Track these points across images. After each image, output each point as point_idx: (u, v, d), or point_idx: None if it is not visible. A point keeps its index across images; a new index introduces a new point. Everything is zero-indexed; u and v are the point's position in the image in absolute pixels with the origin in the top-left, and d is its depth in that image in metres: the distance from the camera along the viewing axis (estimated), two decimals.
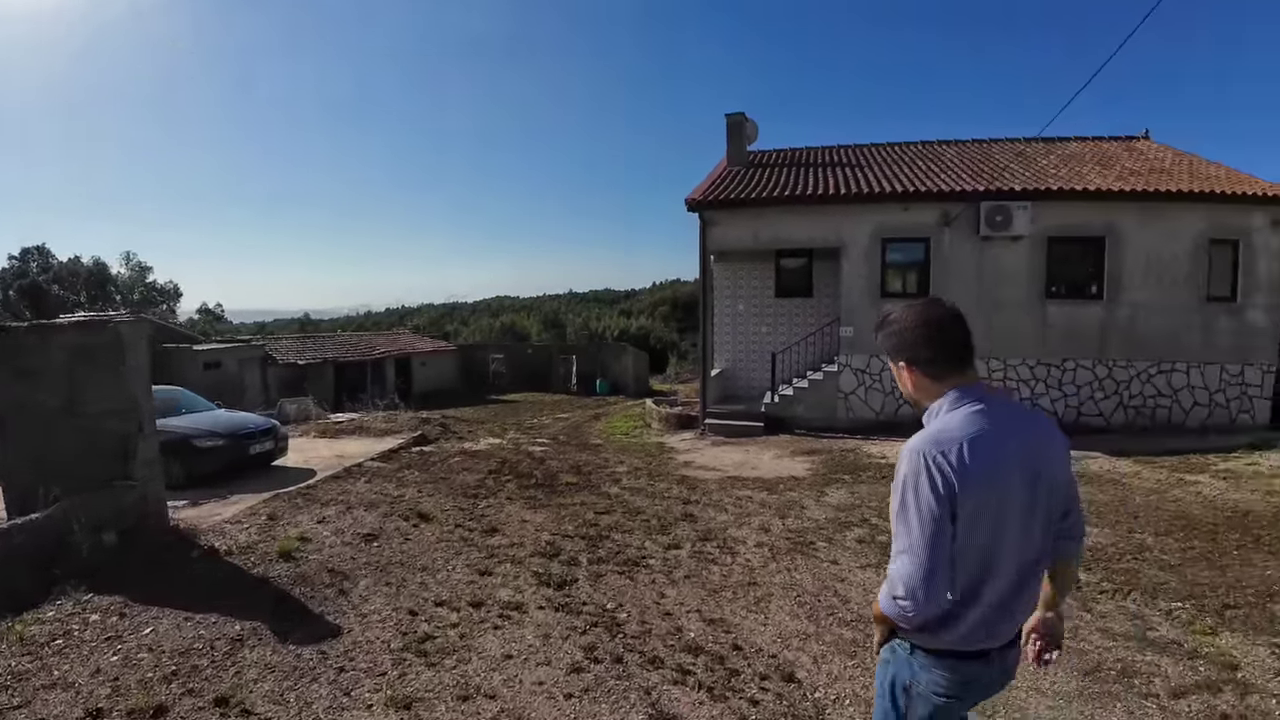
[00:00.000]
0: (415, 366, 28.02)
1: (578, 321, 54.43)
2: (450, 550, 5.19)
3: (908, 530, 1.54)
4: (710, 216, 11.96)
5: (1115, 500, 7.20)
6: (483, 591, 4.38)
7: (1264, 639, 4.02)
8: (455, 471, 8.08)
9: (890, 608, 1.60)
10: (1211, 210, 11.21)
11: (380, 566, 4.78)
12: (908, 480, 1.54)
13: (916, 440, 1.58)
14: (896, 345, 1.72)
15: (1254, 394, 11.48)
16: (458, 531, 5.65)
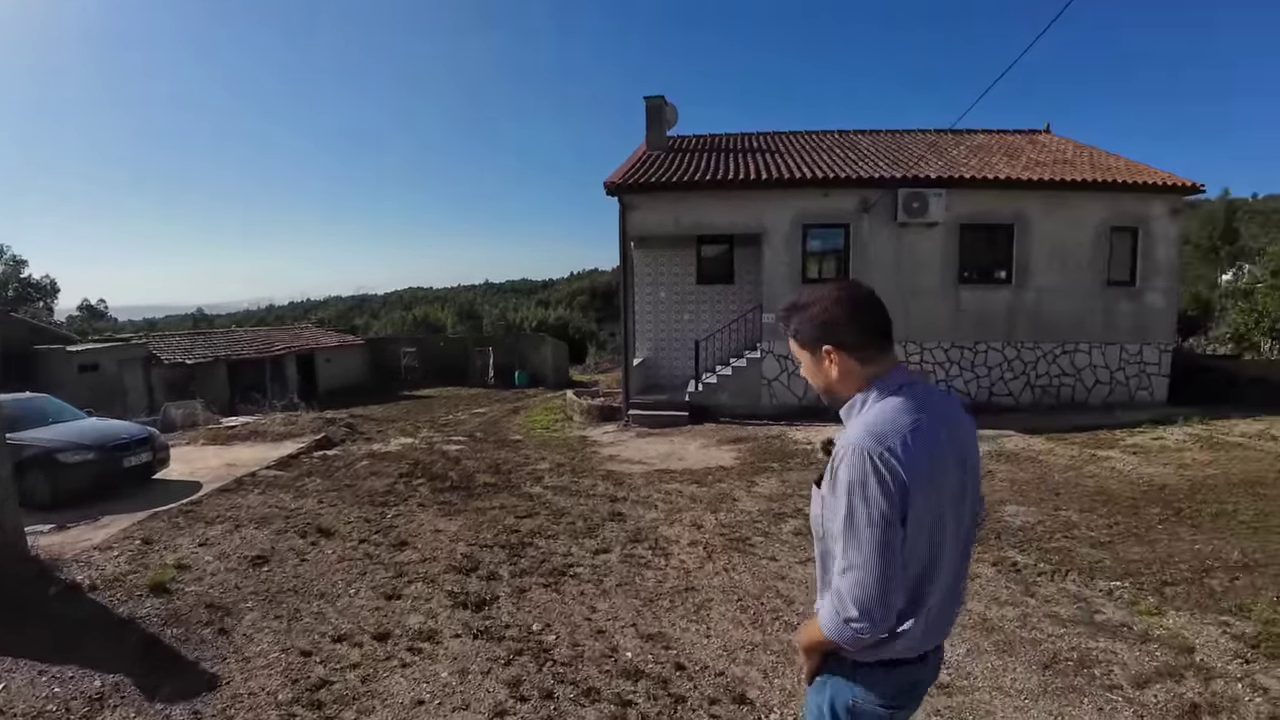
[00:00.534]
0: (319, 363, 26.37)
1: (495, 312, 53.05)
2: (353, 571, 4.63)
3: (857, 542, 1.39)
4: (630, 201, 11.60)
5: (1035, 478, 7.32)
6: (390, 619, 3.88)
7: (1211, 617, 4.03)
8: (362, 477, 7.42)
9: (840, 632, 1.44)
10: (1113, 199, 11.76)
11: (270, 596, 4.19)
12: (853, 486, 1.39)
13: (855, 438, 1.42)
14: (818, 330, 1.56)
15: (1152, 372, 12.13)
16: (362, 548, 5.08)
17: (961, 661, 3.48)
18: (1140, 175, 11.99)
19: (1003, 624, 3.92)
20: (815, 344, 1.58)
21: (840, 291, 1.56)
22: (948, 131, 15.26)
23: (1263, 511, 5.96)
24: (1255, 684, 3.26)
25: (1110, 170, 12.17)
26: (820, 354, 1.58)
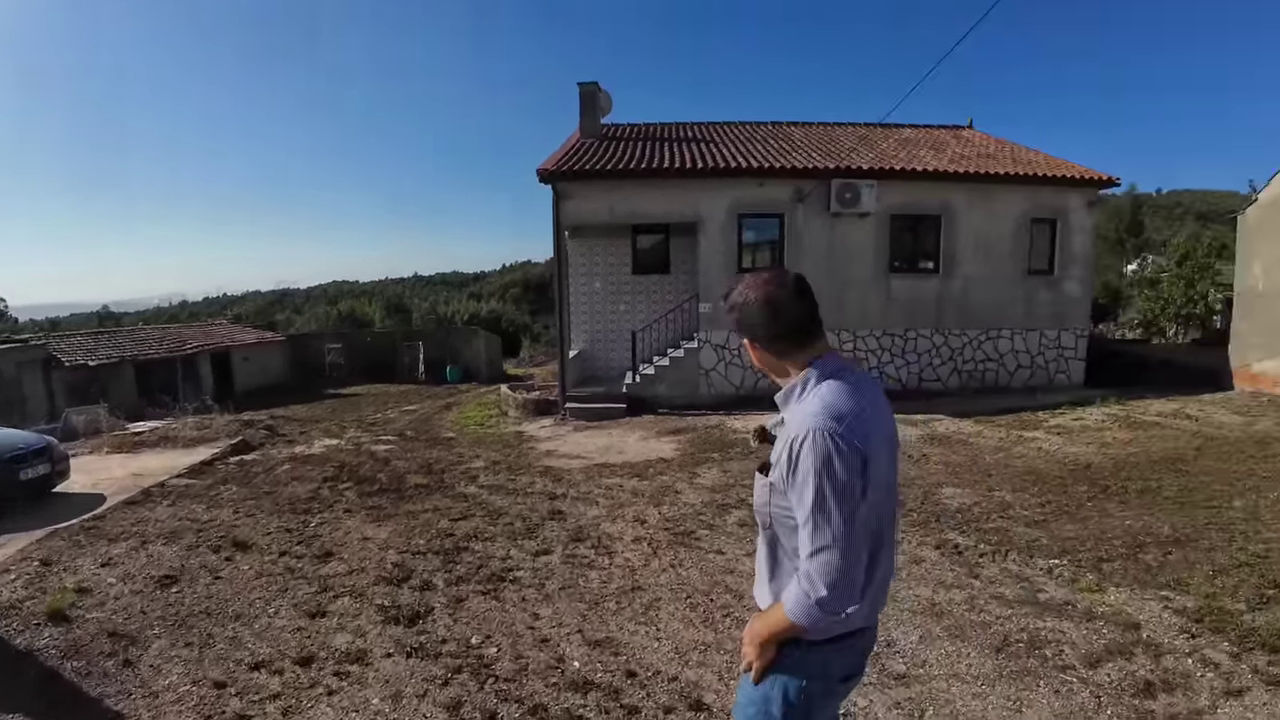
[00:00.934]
0: (236, 362, 24.93)
1: (424, 306, 51.68)
2: (272, 588, 4.23)
3: (828, 522, 1.39)
4: (564, 189, 11.31)
5: (968, 460, 7.47)
6: (314, 641, 3.53)
7: (1150, 593, 4.11)
8: (283, 483, 6.92)
9: (809, 615, 1.43)
10: (1033, 192, 12.22)
11: (179, 620, 3.77)
12: (820, 468, 1.39)
13: (812, 420, 1.44)
14: (739, 323, 1.65)
15: (1070, 356, 12.72)
16: (282, 561, 4.67)
17: (916, 649, 3.44)
18: (1058, 169, 12.52)
19: (952, 608, 3.91)
20: (739, 334, 1.67)
21: (759, 293, 1.59)
22: (876, 125, 15.57)
23: (1186, 487, 6.22)
24: (1205, 659, 3.31)
25: (1030, 164, 12.66)
26: (743, 343, 1.68)
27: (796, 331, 1.58)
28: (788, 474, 1.45)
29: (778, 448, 1.52)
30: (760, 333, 1.60)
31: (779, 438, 1.55)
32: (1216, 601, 3.90)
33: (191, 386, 21.26)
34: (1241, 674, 3.16)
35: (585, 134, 13.68)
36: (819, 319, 1.60)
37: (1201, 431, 8.48)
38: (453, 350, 26.80)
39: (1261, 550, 4.65)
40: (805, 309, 1.58)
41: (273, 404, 18.06)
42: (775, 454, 1.52)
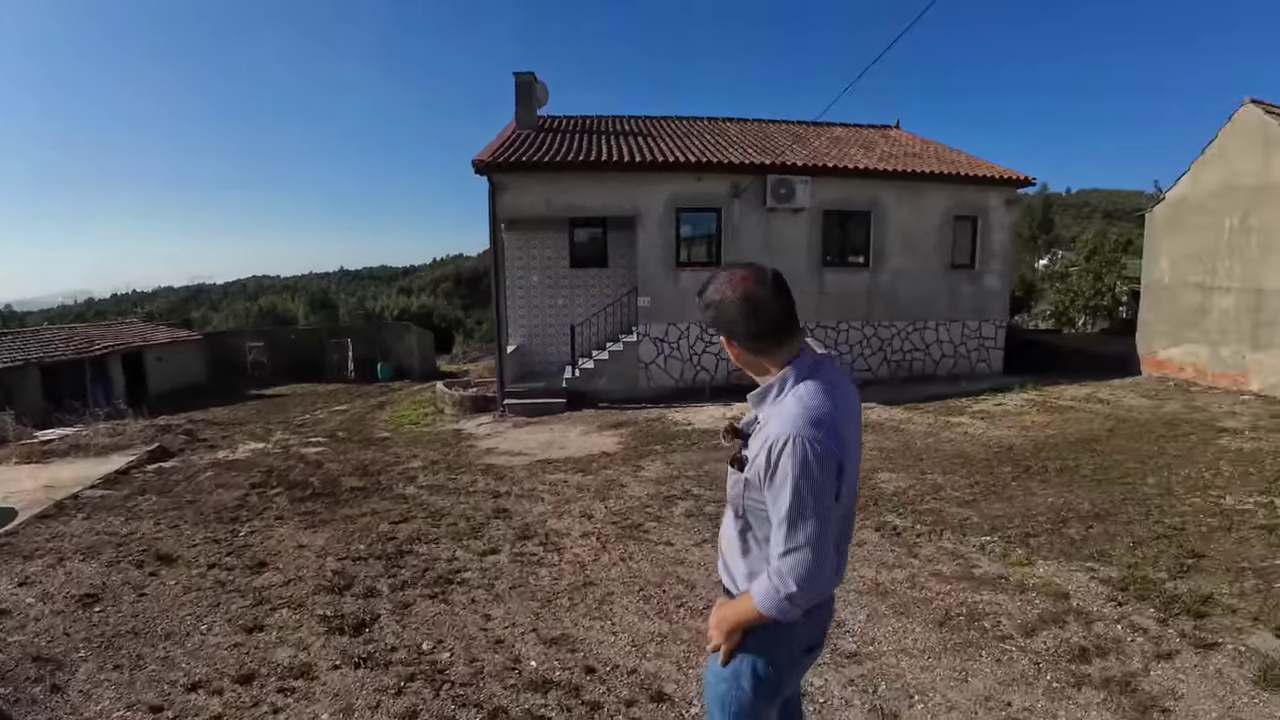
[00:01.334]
0: (150, 363, 23.40)
1: (352, 301, 49.97)
2: (203, 603, 3.97)
3: (803, 525, 1.46)
4: (500, 181, 11.09)
5: (900, 445, 7.72)
6: (253, 657, 3.34)
7: (1077, 564, 4.35)
8: (206, 491, 6.54)
9: (780, 607, 1.50)
10: (956, 190, 12.74)
11: (106, 641, 3.51)
12: (798, 474, 1.44)
13: (790, 428, 1.47)
14: (715, 321, 1.64)
15: (990, 346, 13.37)
16: (212, 574, 4.40)
17: (865, 628, 3.54)
18: (979, 169, 13.10)
19: (895, 587, 4.04)
20: (718, 333, 1.66)
21: (736, 291, 1.58)
22: (810, 124, 15.90)
23: (1101, 466, 6.60)
24: (1133, 624, 3.53)
25: (954, 164, 13.20)
26: (720, 340, 1.68)
27: (776, 329, 1.59)
28: (765, 475, 1.49)
29: (755, 447, 1.55)
30: (739, 331, 1.60)
31: (755, 436, 1.58)
32: (1139, 571, 4.16)
33: (102, 390, 19.91)
34: (1170, 638, 3.38)
35: (521, 125, 13.46)
36: (796, 315, 1.61)
37: (1114, 414, 9.02)
38: (383, 347, 25.98)
39: (1177, 523, 4.99)
40: (784, 306, 1.58)
41: (191, 407, 17.11)
42: (752, 452, 1.56)
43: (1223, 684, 2.98)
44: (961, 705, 2.90)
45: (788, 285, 1.61)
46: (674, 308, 11.93)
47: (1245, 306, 10.22)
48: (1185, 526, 4.91)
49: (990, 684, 3.05)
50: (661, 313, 11.89)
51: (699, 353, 12.16)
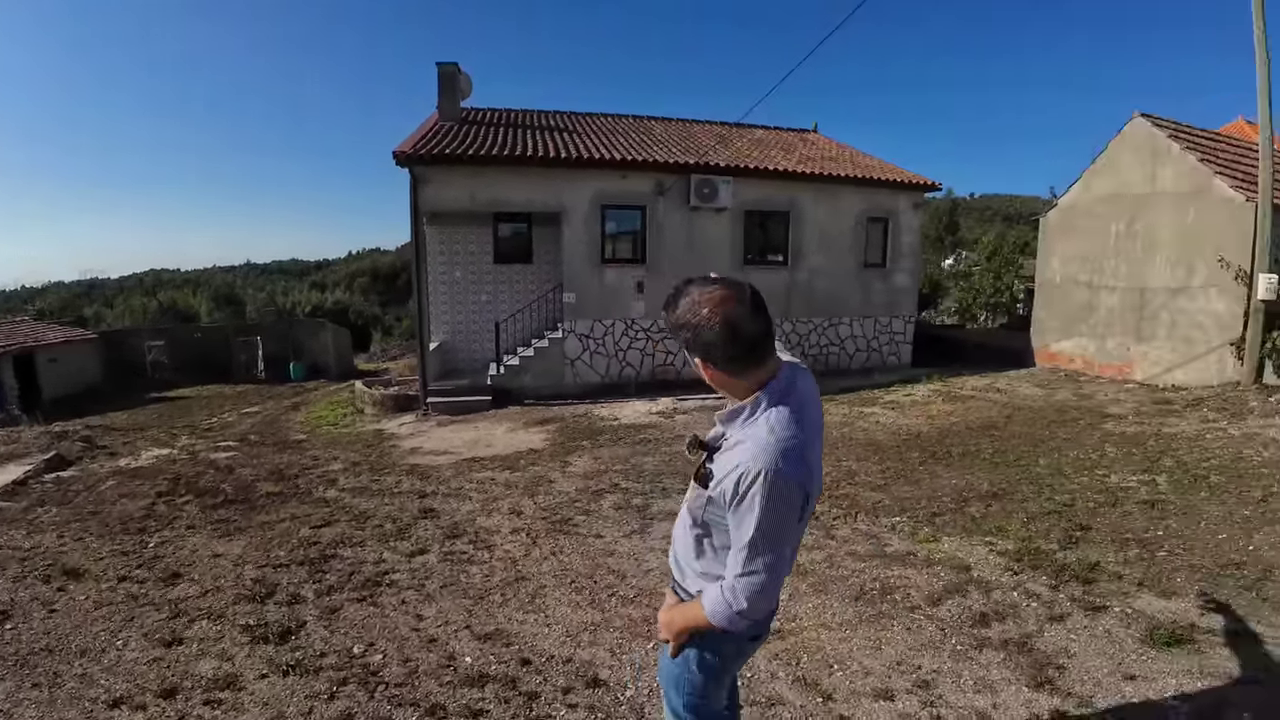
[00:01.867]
0: (41, 364, 21.43)
1: (260, 296, 47.56)
2: (117, 617, 3.78)
3: (762, 553, 1.49)
4: (423, 173, 10.83)
5: None
6: (175, 670, 3.21)
7: (977, 539, 4.71)
8: (110, 501, 6.18)
9: (730, 620, 1.55)
10: (869, 193, 13.36)
11: (20, 660, 3.30)
12: (764, 507, 1.45)
13: (762, 461, 1.45)
14: (691, 343, 1.55)
15: (900, 340, 14.09)
16: (123, 587, 4.19)
17: (787, 606, 3.73)
18: (891, 173, 13.77)
19: (814, 567, 4.27)
20: (689, 352, 1.59)
21: (715, 313, 1.49)
22: (732, 125, 16.26)
23: (999, 450, 7.10)
24: (1027, 591, 3.88)
25: (867, 168, 13.82)
26: (695, 362, 1.60)
27: (755, 351, 1.54)
28: (731, 501, 1.49)
29: (723, 468, 1.54)
30: (717, 355, 1.53)
31: (723, 457, 1.57)
32: (1032, 544, 4.54)
33: None
34: (1061, 602, 3.73)
35: (444, 116, 13.17)
36: (771, 335, 1.57)
37: (1010, 402, 9.67)
38: (296, 345, 24.89)
39: (1067, 500, 5.44)
40: (763, 326, 1.52)
41: (88, 411, 15.95)
42: (719, 471, 1.55)
43: (1111, 642, 3.30)
44: (876, 671, 3.13)
45: (764, 302, 1.55)
46: (599, 304, 11.99)
47: (1129, 304, 11.13)
48: (1074, 503, 5.36)
49: (902, 650, 3.30)
50: (587, 309, 11.94)
51: (624, 349, 12.28)
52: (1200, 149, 10.36)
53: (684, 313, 1.53)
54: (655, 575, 4.23)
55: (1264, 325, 8.93)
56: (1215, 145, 10.97)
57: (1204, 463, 6.25)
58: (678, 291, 1.58)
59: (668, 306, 1.59)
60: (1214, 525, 4.76)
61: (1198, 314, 10.04)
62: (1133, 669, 3.07)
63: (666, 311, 1.59)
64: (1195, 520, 4.87)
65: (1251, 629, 3.37)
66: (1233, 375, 9.43)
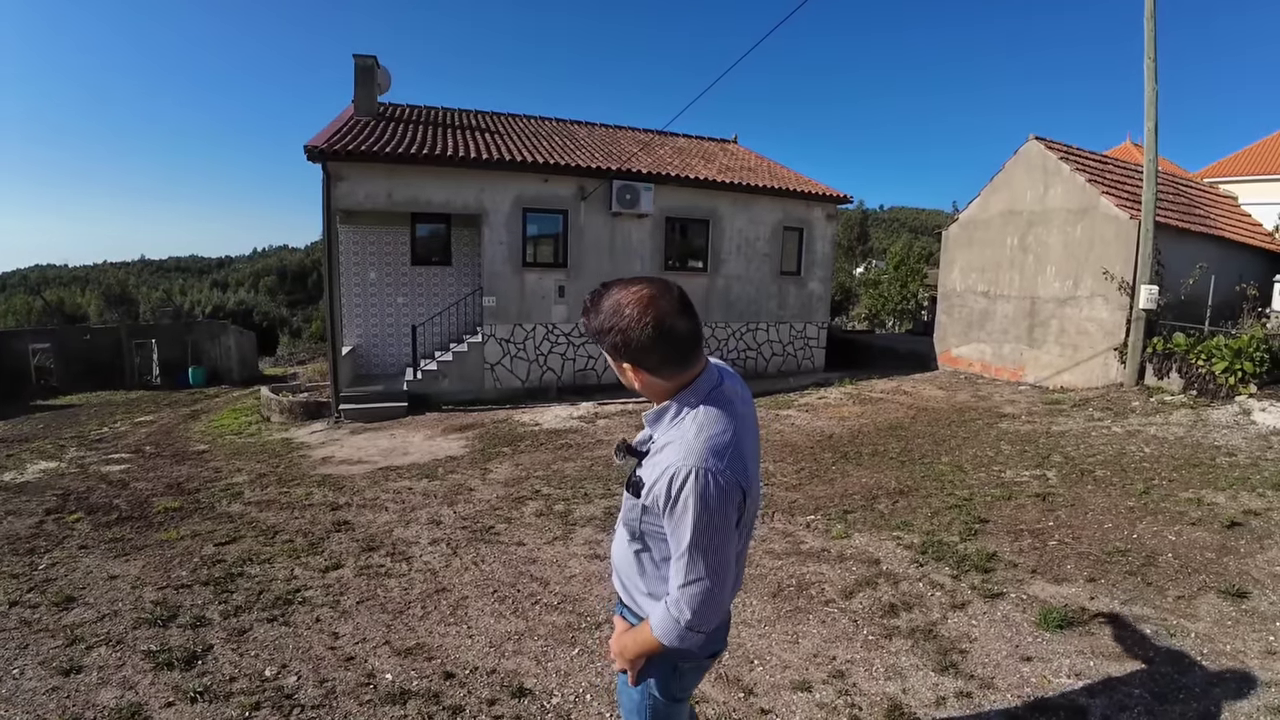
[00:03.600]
0: None
1: (156, 296, 44.75)
2: (10, 644, 3.50)
3: (703, 557, 1.41)
4: (337, 170, 10.43)
5: None
6: (76, 700, 3.00)
7: (885, 534, 4.96)
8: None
9: (682, 638, 1.47)
10: (786, 204, 13.82)
11: None
12: (700, 508, 1.38)
13: (692, 459, 1.39)
14: (619, 347, 1.45)
15: (814, 345, 14.64)
16: (15, 613, 3.88)
17: None
18: (806, 185, 14.32)
19: None
20: (615, 358, 1.51)
21: (642, 313, 1.41)
22: (655, 132, 16.45)
23: (905, 449, 7.47)
24: (932, 581, 4.11)
25: (784, 180, 14.32)
26: (621, 367, 1.52)
27: (684, 352, 1.48)
28: (665, 506, 1.42)
29: (653, 473, 1.46)
30: (647, 360, 1.46)
31: (652, 460, 1.51)
32: (936, 536, 4.81)
33: None
34: (962, 591, 3.98)
35: (360, 111, 12.73)
36: (700, 336, 1.51)
37: (916, 404, 10.18)
38: (196, 349, 23.46)
39: (966, 495, 5.79)
40: (692, 325, 1.47)
41: None
42: (649, 477, 1.48)
43: (1009, 626, 3.55)
44: (794, 664, 3.25)
45: (691, 301, 1.49)
46: (520, 308, 11.89)
47: (1022, 311, 11.92)
48: (973, 497, 5.71)
49: (817, 643, 3.44)
50: (508, 313, 11.81)
51: (545, 353, 12.21)
52: (1089, 170, 11.22)
53: (608, 316, 1.45)
54: (578, 581, 4.24)
55: (1145, 332, 9.74)
56: (1103, 167, 11.90)
57: (1090, 458, 6.77)
58: (598, 294, 1.49)
59: (588, 311, 1.50)
60: (1100, 515, 5.17)
61: (1084, 321, 10.86)
62: (1029, 651, 3.30)
63: (587, 316, 1.50)
64: (1083, 511, 5.28)
65: (1137, 611, 3.68)
66: (1116, 378, 10.24)
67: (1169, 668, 3.11)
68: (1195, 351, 9.13)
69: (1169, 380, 9.42)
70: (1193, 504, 5.31)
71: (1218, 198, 14.61)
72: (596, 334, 1.48)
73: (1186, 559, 4.32)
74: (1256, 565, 4.20)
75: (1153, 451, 6.88)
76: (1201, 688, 2.95)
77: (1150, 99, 9.43)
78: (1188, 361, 9.16)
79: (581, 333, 12.16)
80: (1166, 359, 9.49)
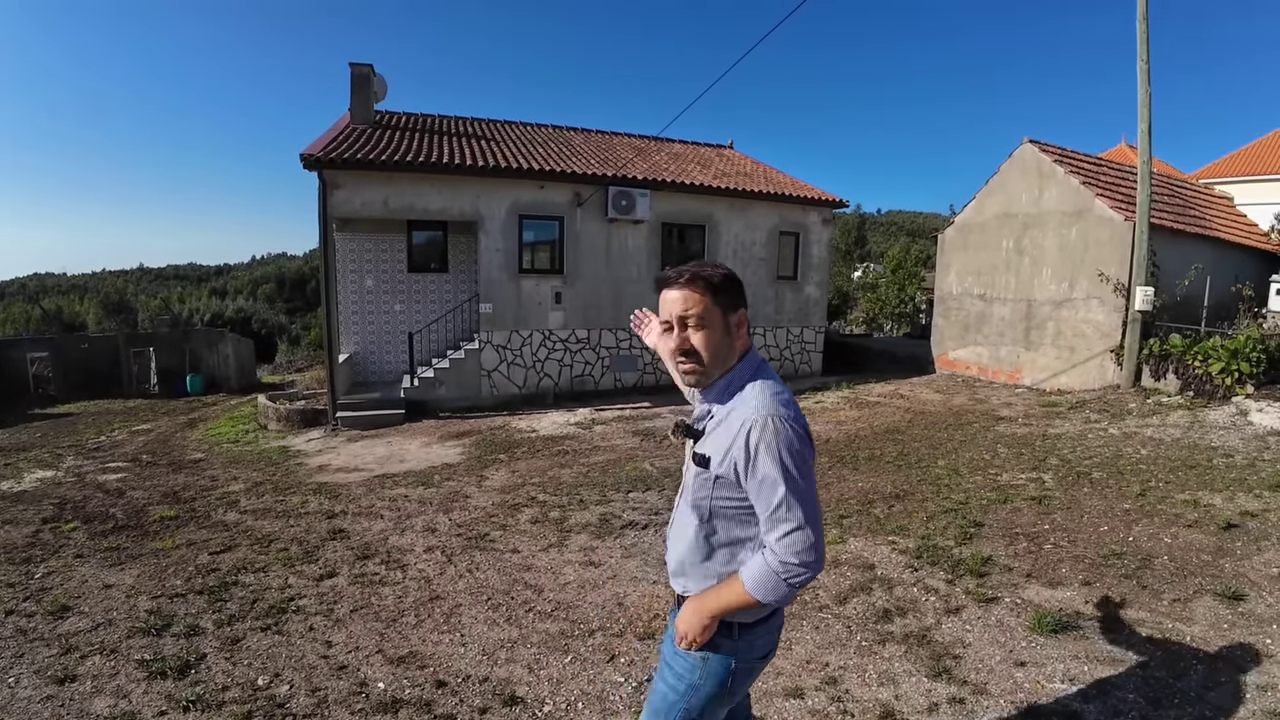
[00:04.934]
0: None
1: (154, 304, 44.70)
2: (6, 654, 3.50)
3: (799, 502, 1.44)
4: (334, 178, 10.44)
5: None
6: (70, 709, 3.00)
7: (881, 539, 4.93)
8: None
9: (778, 591, 1.47)
10: (782, 209, 13.86)
11: None
12: (788, 454, 1.44)
13: (769, 408, 1.47)
14: (738, 289, 1.60)
15: (811, 350, 14.65)
16: (10, 621, 3.88)
17: None
18: (802, 190, 14.36)
19: None
20: (736, 306, 1.59)
21: (727, 269, 1.59)
22: (650, 138, 16.54)
23: (901, 453, 7.46)
24: (926, 586, 4.10)
25: (780, 185, 14.36)
26: (735, 319, 1.58)
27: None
28: (746, 464, 1.47)
29: (726, 438, 1.51)
30: (743, 301, 1.61)
31: (720, 431, 1.55)
32: (931, 541, 4.80)
33: None
34: (957, 595, 3.96)
35: (357, 119, 12.75)
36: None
37: (912, 407, 10.17)
38: (194, 356, 23.42)
39: (962, 499, 5.78)
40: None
41: None
42: (719, 446, 1.53)
43: (1003, 631, 3.54)
44: (787, 670, 3.24)
45: None
46: (517, 315, 11.89)
47: (1018, 314, 11.93)
48: (969, 501, 5.71)
49: (811, 649, 3.43)
50: (504, 320, 11.82)
51: (542, 360, 12.21)
52: (1083, 173, 11.25)
53: (711, 269, 1.56)
54: (573, 588, 4.23)
55: (1141, 333, 9.74)
56: (1098, 169, 11.93)
57: (1087, 460, 6.77)
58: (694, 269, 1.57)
59: (702, 267, 1.57)
60: (1096, 518, 5.17)
61: (1080, 324, 10.87)
62: (1023, 656, 3.29)
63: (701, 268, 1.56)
64: (1079, 514, 5.27)
65: (1133, 614, 3.67)
66: (1113, 379, 10.25)
67: (1164, 672, 3.10)
68: (1192, 352, 9.14)
69: (1165, 381, 9.43)
70: (1189, 506, 5.31)
71: (1213, 198, 14.66)
72: (709, 280, 1.55)
73: (1183, 561, 4.32)
74: (1253, 567, 4.19)
75: (1149, 453, 6.88)
76: (1197, 692, 2.94)
77: (1144, 100, 9.46)
78: (1184, 363, 9.16)
79: (580, 337, 12.18)
80: (1163, 360, 9.49)
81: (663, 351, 1.79)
